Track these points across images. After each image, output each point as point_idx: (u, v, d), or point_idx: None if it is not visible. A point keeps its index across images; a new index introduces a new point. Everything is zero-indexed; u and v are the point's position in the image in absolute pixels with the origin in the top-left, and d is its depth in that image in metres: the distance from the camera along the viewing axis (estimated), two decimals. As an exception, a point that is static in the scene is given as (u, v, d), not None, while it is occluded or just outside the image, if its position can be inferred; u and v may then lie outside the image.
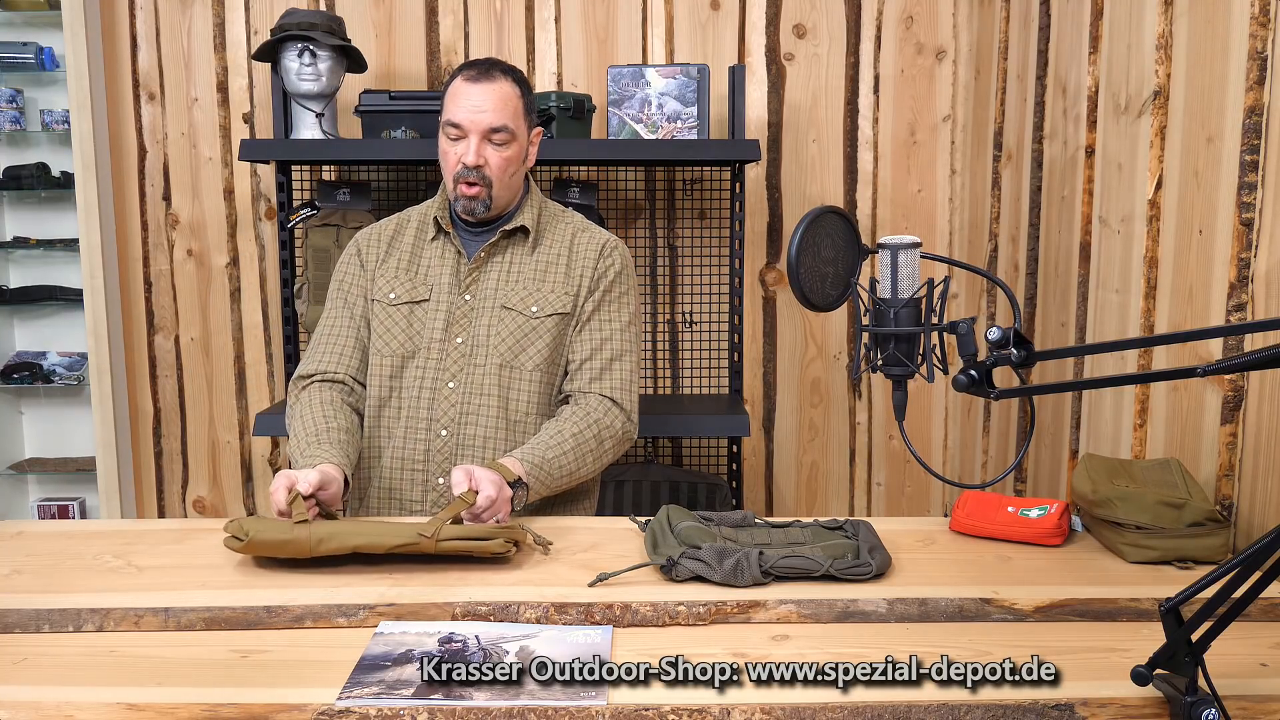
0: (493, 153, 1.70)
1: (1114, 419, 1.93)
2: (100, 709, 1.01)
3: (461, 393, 1.73)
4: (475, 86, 1.69)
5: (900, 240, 1.19)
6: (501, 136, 1.70)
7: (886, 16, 2.83)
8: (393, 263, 1.80)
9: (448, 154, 1.72)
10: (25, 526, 1.61)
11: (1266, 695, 1.04)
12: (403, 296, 1.77)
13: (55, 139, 2.90)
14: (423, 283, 1.78)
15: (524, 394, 1.74)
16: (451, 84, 1.73)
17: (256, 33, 2.83)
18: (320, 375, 1.77)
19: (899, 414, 1.20)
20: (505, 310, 1.75)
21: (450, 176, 1.72)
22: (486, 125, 1.69)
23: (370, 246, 1.83)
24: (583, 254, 1.81)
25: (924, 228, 2.89)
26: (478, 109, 1.69)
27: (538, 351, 1.75)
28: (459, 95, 1.70)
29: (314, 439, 1.62)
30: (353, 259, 1.83)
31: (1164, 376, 1.01)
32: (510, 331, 1.74)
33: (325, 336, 1.80)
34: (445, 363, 1.74)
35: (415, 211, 1.87)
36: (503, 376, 1.73)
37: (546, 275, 1.78)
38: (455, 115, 1.69)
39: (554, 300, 1.76)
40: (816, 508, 2.98)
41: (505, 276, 1.77)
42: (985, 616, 1.24)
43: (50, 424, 3.02)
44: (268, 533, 1.36)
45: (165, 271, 2.92)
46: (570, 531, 1.55)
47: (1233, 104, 1.54)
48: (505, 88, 1.71)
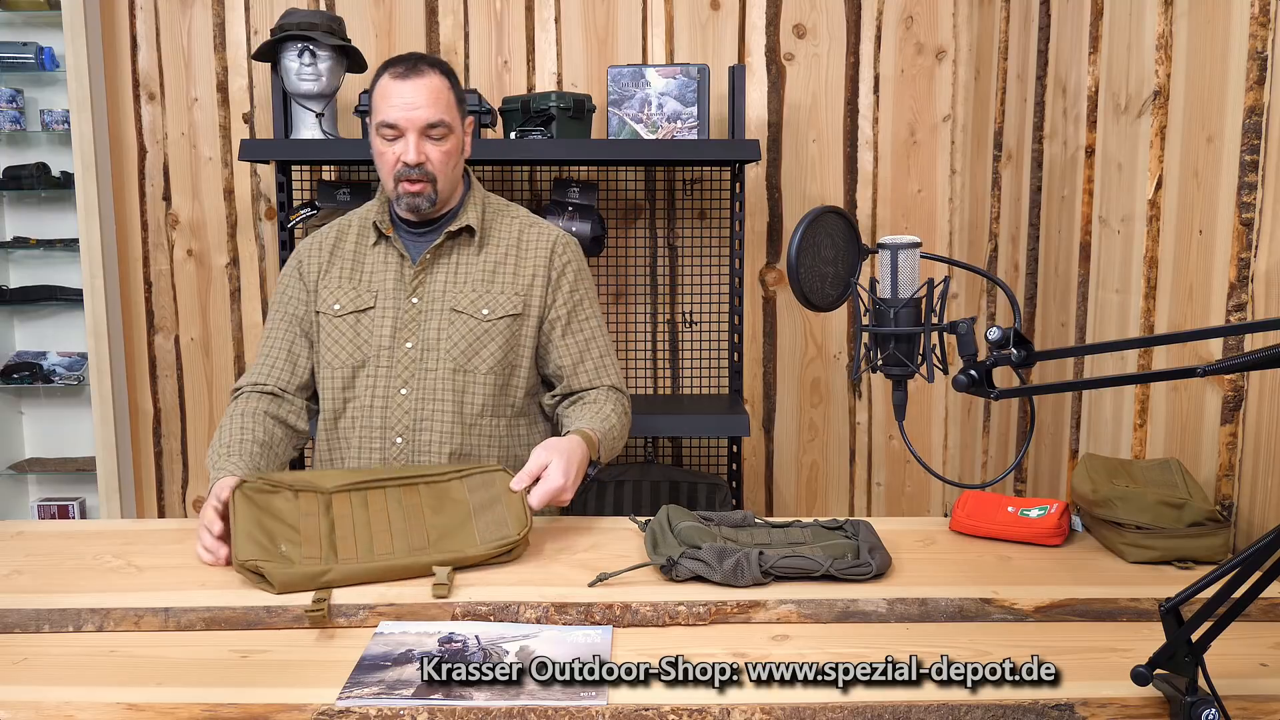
0: (432, 148, 1.68)
1: (1114, 419, 1.93)
2: (100, 709, 1.01)
3: (415, 398, 1.72)
4: (405, 84, 1.67)
5: (900, 240, 1.19)
6: (439, 131, 1.68)
7: (886, 16, 2.83)
8: (335, 273, 1.78)
9: (385, 155, 1.69)
10: (25, 526, 1.61)
11: (1266, 695, 1.04)
12: (347, 306, 1.75)
13: (55, 139, 2.90)
14: (367, 290, 1.76)
15: (478, 397, 1.74)
16: (378, 83, 1.70)
17: (256, 33, 2.83)
18: (250, 386, 1.76)
19: (899, 414, 1.20)
20: (455, 313, 1.73)
21: (390, 177, 1.70)
22: (423, 121, 1.66)
23: (311, 258, 1.80)
24: (532, 252, 1.79)
25: (924, 228, 2.89)
26: (411, 106, 1.66)
27: (490, 354, 1.74)
28: (389, 94, 1.67)
29: (225, 450, 1.62)
30: (292, 272, 1.81)
31: (1164, 376, 1.01)
32: (462, 335, 1.73)
33: (261, 350, 1.80)
34: (396, 369, 1.73)
35: (355, 216, 1.84)
36: (456, 380, 1.73)
37: (495, 276, 1.77)
38: (389, 115, 1.67)
39: (504, 302, 1.75)
40: (816, 508, 2.98)
41: (453, 278, 1.76)
42: (985, 616, 1.24)
43: (50, 424, 3.02)
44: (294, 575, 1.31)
45: (165, 271, 2.92)
46: (570, 531, 1.55)
47: (1233, 104, 1.54)
48: (435, 81, 1.68)
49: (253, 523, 1.37)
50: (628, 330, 2.89)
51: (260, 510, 1.39)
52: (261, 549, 1.33)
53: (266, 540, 1.34)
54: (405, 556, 1.35)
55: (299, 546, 1.35)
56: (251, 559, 1.30)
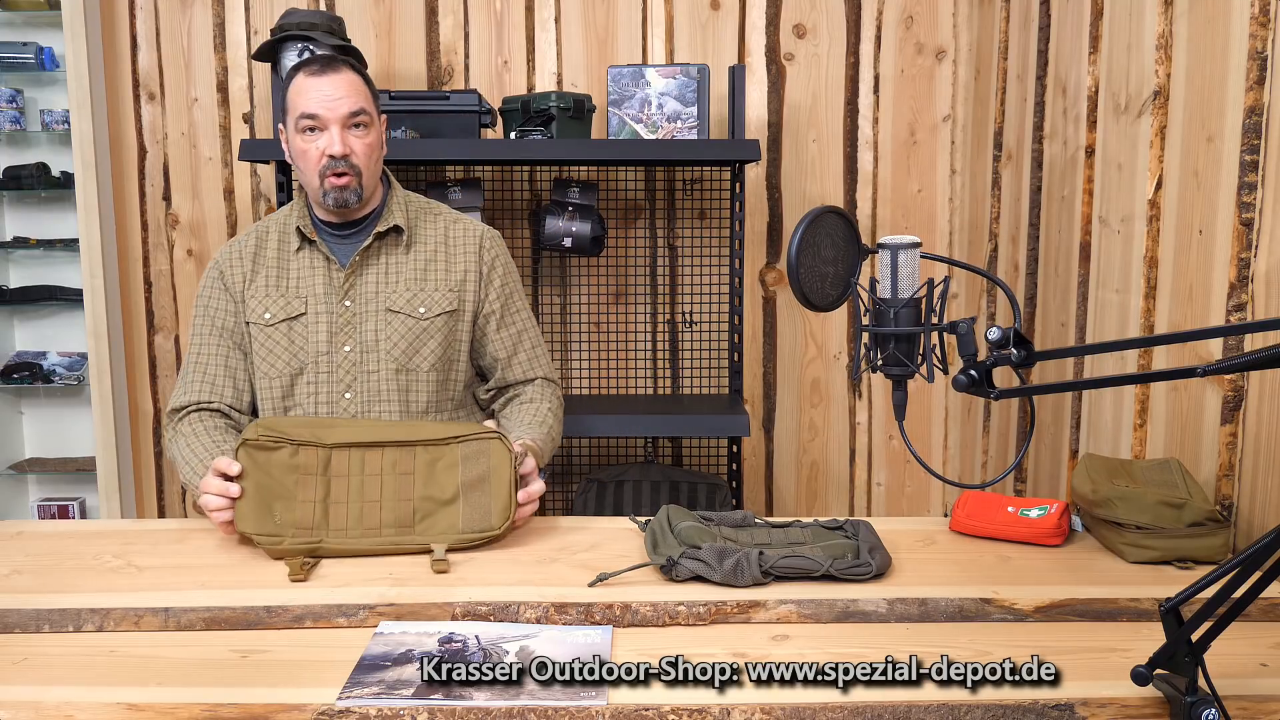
0: (355, 140, 1.69)
1: (1114, 419, 1.93)
2: (100, 709, 1.01)
3: (360, 401, 1.73)
4: (322, 79, 1.67)
5: (900, 240, 1.19)
6: (362, 119, 1.69)
7: (886, 16, 2.83)
8: (260, 281, 1.76)
9: (307, 152, 1.69)
10: (25, 526, 1.61)
11: (1266, 695, 1.04)
12: (278, 315, 1.74)
13: (55, 139, 2.90)
14: (296, 296, 1.75)
15: (422, 394, 1.76)
16: (293, 82, 1.70)
17: (256, 33, 2.83)
18: (195, 405, 1.74)
19: (899, 414, 1.20)
20: (391, 313, 1.74)
21: (315, 173, 1.69)
22: (345, 112, 1.67)
23: (233, 267, 1.78)
24: (461, 248, 1.81)
25: (924, 228, 2.89)
26: (332, 98, 1.66)
27: (431, 351, 1.76)
28: (307, 90, 1.67)
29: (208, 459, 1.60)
30: (215, 282, 1.78)
31: (1164, 376, 1.01)
32: (402, 335, 1.74)
33: (194, 366, 1.76)
34: (337, 374, 1.73)
35: (272, 222, 1.82)
36: (400, 380, 1.74)
37: (427, 274, 1.78)
38: (309, 107, 1.66)
39: (439, 299, 1.77)
40: (816, 508, 2.98)
41: (384, 279, 1.76)
42: (985, 616, 1.24)
43: (50, 424, 3.02)
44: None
45: (165, 271, 2.92)
46: (570, 531, 1.55)
47: (1233, 104, 1.54)
48: (351, 75, 1.70)
49: (252, 486, 1.43)
50: (628, 330, 2.89)
51: (261, 471, 1.44)
52: (257, 521, 1.43)
53: (263, 508, 1.43)
54: (392, 536, 1.44)
55: (293, 509, 1.43)
56: (248, 531, 1.42)
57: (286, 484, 1.44)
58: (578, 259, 2.83)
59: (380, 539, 1.43)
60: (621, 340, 2.89)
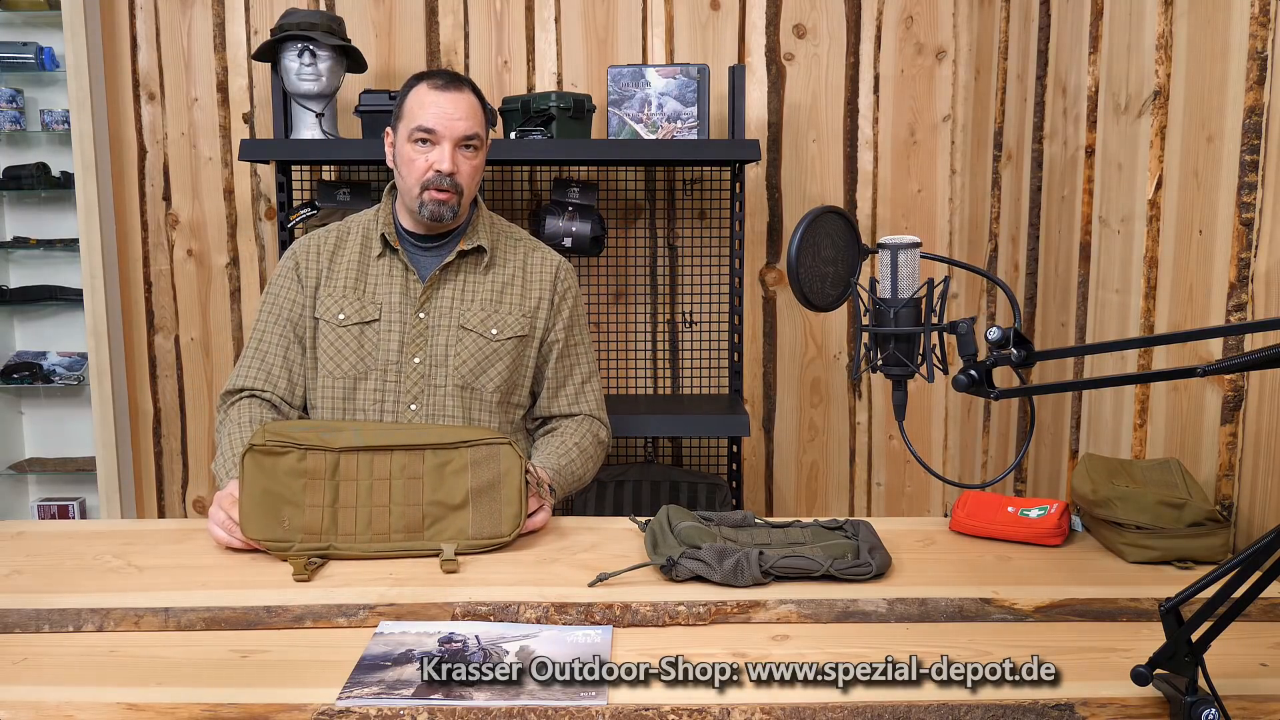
0: (464, 161, 1.71)
1: (1114, 419, 1.93)
2: (100, 709, 1.01)
3: (425, 414, 1.73)
4: (444, 95, 1.69)
5: (900, 240, 1.19)
6: (474, 142, 1.72)
7: (886, 16, 2.83)
8: (338, 281, 1.77)
9: (415, 161, 1.70)
10: (25, 526, 1.61)
11: (1266, 695, 1.04)
12: (352, 317, 1.75)
13: (55, 139, 2.90)
14: (371, 301, 1.75)
15: (485, 416, 1.76)
16: (413, 91, 1.71)
17: (256, 33, 2.83)
18: (249, 391, 1.74)
19: (899, 414, 1.20)
20: (464, 330, 1.74)
21: (417, 183, 1.70)
22: (461, 133, 1.69)
23: (310, 263, 1.79)
24: (538, 276, 1.82)
25: (924, 228, 2.89)
26: (451, 116, 1.68)
27: (498, 374, 1.76)
28: (428, 103, 1.69)
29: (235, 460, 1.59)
30: (289, 273, 1.79)
31: (1164, 376, 1.01)
32: (471, 353, 1.74)
33: (254, 352, 1.77)
34: (405, 384, 1.73)
35: (354, 224, 1.83)
36: (464, 398, 1.74)
37: (503, 297, 1.78)
38: (427, 121, 1.68)
39: (512, 323, 1.77)
40: (816, 508, 2.98)
41: (460, 296, 1.76)
42: (985, 616, 1.24)
43: (50, 424, 3.02)
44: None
45: (165, 271, 2.92)
46: (570, 531, 1.55)
47: (1233, 104, 1.54)
48: (472, 99, 1.73)
49: (260, 493, 1.41)
50: (628, 330, 2.89)
51: (267, 477, 1.42)
52: (265, 526, 1.41)
53: (271, 514, 1.41)
54: (401, 541, 1.43)
55: (302, 514, 1.41)
56: (255, 538, 1.40)
57: (294, 489, 1.42)
58: (578, 259, 2.83)
59: (389, 544, 1.42)
60: (621, 340, 2.89)
